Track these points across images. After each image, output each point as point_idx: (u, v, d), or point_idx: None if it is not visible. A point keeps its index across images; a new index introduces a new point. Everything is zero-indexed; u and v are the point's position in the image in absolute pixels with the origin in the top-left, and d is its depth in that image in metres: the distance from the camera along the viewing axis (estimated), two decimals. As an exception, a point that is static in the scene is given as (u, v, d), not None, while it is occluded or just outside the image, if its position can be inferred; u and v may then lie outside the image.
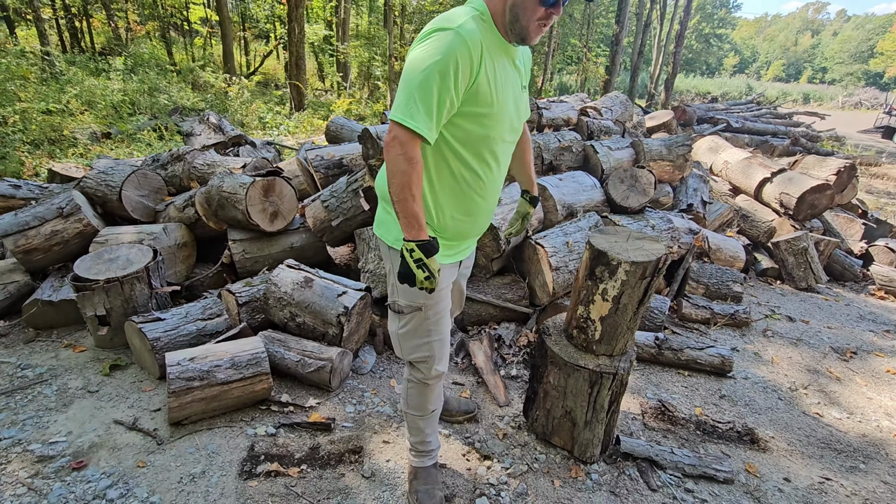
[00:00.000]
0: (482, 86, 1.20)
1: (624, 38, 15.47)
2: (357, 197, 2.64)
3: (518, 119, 1.38)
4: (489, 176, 1.36)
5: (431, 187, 1.34)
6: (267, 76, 16.60)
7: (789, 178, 4.38)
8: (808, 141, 12.17)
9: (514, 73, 1.32)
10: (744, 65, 68.32)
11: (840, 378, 2.70)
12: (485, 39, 1.18)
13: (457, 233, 1.42)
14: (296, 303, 2.30)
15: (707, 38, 47.09)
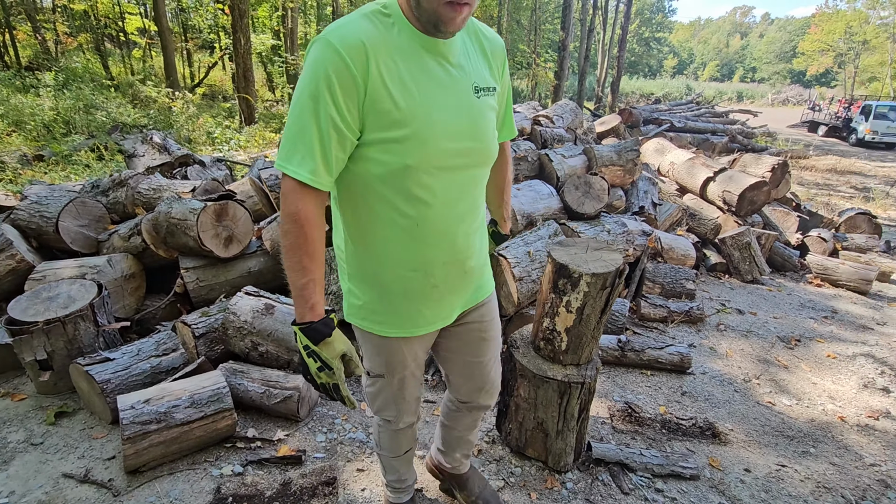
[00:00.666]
0: (380, 101, 0.91)
1: (570, 44, 15.98)
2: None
3: (474, 134, 1.03)
4: (429, 216, 1.02)
5: (358, 240, 1.07)
6: (213, 88, 16.06)
7: (730, 177, 4.64)
8: (744, 138, 12.96)
9: (451, 76, 0.99)
10: (682, 66, 72.09)
11: (787, 366, 2.88)
12: (381, 39, 0.91)
13: (410, 293, 1.09)
14: (257, 331, 2.22)
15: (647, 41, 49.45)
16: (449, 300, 1.16)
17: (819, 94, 37.28)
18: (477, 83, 1.04)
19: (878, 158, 14.21)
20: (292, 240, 0.95)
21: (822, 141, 18.08)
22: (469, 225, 1.11)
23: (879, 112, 17.18)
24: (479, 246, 1.18)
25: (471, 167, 1.06)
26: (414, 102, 0.93)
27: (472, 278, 1.19)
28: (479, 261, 1.20)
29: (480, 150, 1.06)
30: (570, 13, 14.81)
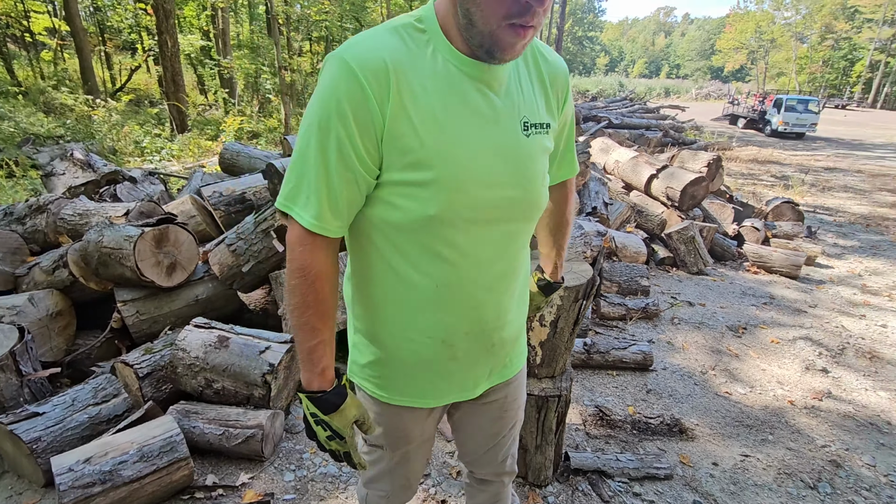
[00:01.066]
0: (402, 135, 0.74)
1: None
2: (269, 238, 2.42)
3: (517, 180, 0.83)
4: (454, 278, 0.84)
5: (366, 293, 0.90)
6: (138, 93, 14.97)
7: (671, 174, 4.86)
8: (676, 132, 13.73)
9: (495, 108, 0.80)
10: (613, 64, 75.57)
11: (738, 354, 3.04)
12: (410, 60, 0.75)
13: (423, 362, 0.91)
14: (211, 367, 2.04)
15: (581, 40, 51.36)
16: (472, 374, 0.96)
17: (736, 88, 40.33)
18: (527, 118, 0.84)
19: (791, 147, 15.49)
20: (300, 298, 0.80)
21: (742, 132, 19.48)
22: (504, 291, 0.91)
23: (789, 105, 18.75)
24: (515, 315, 0.97)
25: (511, 221, 0.85)
26: (443, 139, 0.75)
27: (503, 352, 0.98)
28: (512, 332, 0.97)
29: (525, 200, 0.85)
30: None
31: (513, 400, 1.09)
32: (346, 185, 0.76)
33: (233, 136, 8.96)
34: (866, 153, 14.34)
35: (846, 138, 18.68)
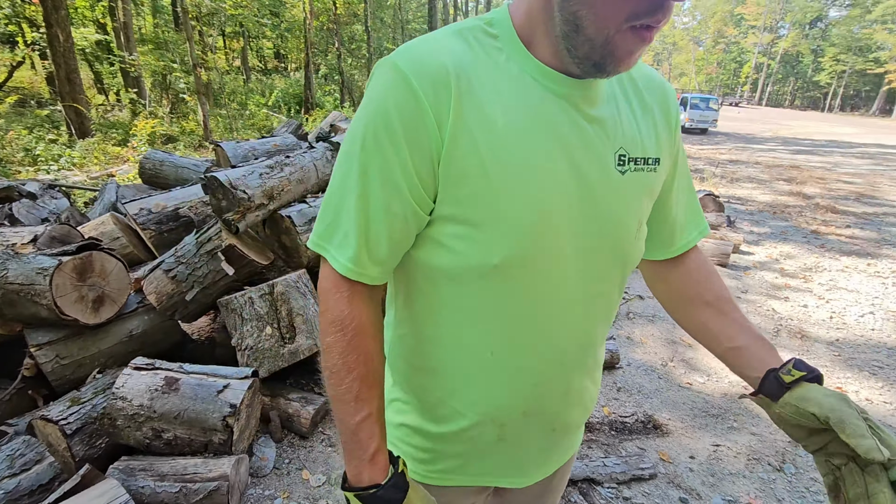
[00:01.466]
0: (464, 159, 0.58)
1: (438, 43, 16.30)
2: (216, 261, 2.16)
3: (603, 228, 0.65)
4: (514, 345, 0.67)
5: (408, 345, 0.74)
6: (24, 92, 13.20)
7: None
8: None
9: (584, 135, 0.62)
10: (533, 63, 78.58)
11: (691, 344, 3.19)
12: (478, 67, 0.59)
13: (464, 438, 0.73)
14: (160, 415, 1.77)
15: (502, 40, 52.83)
16: (521, 460, 0.77)
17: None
18: (625, 150, 0.65)
19: (698, 143, 16.89)
20: (338, 359, 0.63)
21: (655, 129, 20.97)
22: (577, 366, 0.72)
23: (693, 103, 20.46)
24: (589, 394, 0.79)
25: (591, 278, 0.67)
26: (512, 168, 0.59)
27: (566, 439, 0.80)
28: (580, 415, 0.79)
29: (610, 254, 0.67)
30: (435, 12, 15.06)
31: (560, 479, 0.91)
32: (391, 221, 0.61)
33: (145, 142, 8.13)
34: (760, 146, 15.99)
35: (742, 133, 20.76)
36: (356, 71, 22.60)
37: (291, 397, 2.21)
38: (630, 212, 0.67)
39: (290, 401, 2.19)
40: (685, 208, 0.79)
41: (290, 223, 2.33)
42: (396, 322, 0.76)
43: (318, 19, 19.25)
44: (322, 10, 18.98)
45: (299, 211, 2.38)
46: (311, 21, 16.43)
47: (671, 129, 0.72)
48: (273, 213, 2.37)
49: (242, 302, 2.16)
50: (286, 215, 2.33)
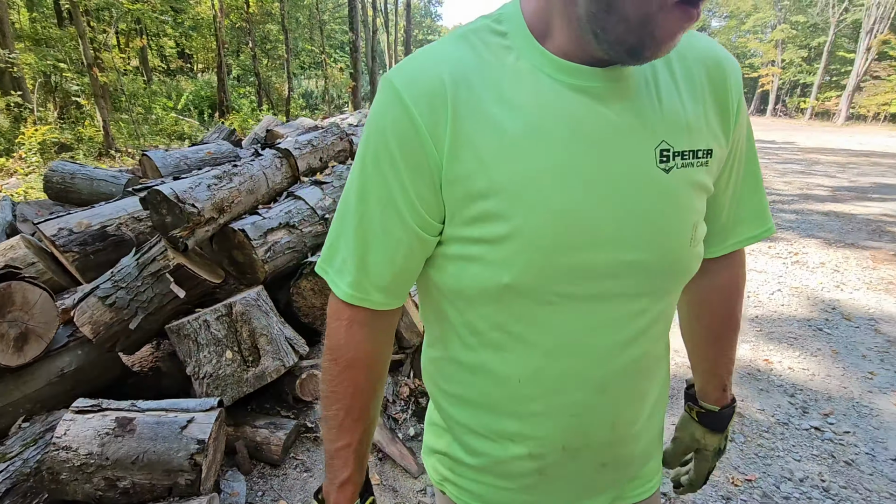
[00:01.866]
0: (468, 176, 0.53)
1: (361, 45, 16.04)
2: (163, 282, 1.95)
3: (646, 238, 0.56)
4: (544, 373, 0.60)
5: (438, 367, 0.70)
6: None
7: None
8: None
9: (612, 128, 0.54)
10: (453, 66, 79.89)
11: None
12: (481, 72, 0.54)
13: (498, 469, 0.67)
14: (113, 462, 1.56)
15: (421, 43, 53.10)
16: (554, 497, 0.69)
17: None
18: (668, 143, 0.56)
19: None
20: (329, 386, 0.64)
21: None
22: (626, 393, 0.64)
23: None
24: (644, 425, 0.68)
25: (636, 295, 0.58)
26: (524, 176, 0.52)
27: (622, 474, 0.70)
28: (639, 447, 0.69)
29: (658, 266, 0.57)
30: (356, 13, 14.80)
31: None
32: (391, 245, 0.58)
33: (36, 151, 7.18)
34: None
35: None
36: (272, 72, 21.63)
37: (258, 424, 2.05)
38: (681, 215, 0.57)
39: (256, 428, 2.03)
40: (740, 204, 0.68)
41: (244, 237, 2.17)
42: (428, 344, 0.73)
43: (229, 17, 18.17)
44: (233, 8, 17.95)
45: (253, 223, 2.22)
46: (222, 19, 15.46)
47: (729, 113, 0.61)
48: (223, 228, 2.19)
49: (196, 326, 1.97)
50: (239, 228, 2.17)
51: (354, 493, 0.67)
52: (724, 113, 0.60)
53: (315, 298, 2.35)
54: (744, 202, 0.68)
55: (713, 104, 0.59)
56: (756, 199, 0.68)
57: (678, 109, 0.57)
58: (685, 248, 0.59)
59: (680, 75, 0.58)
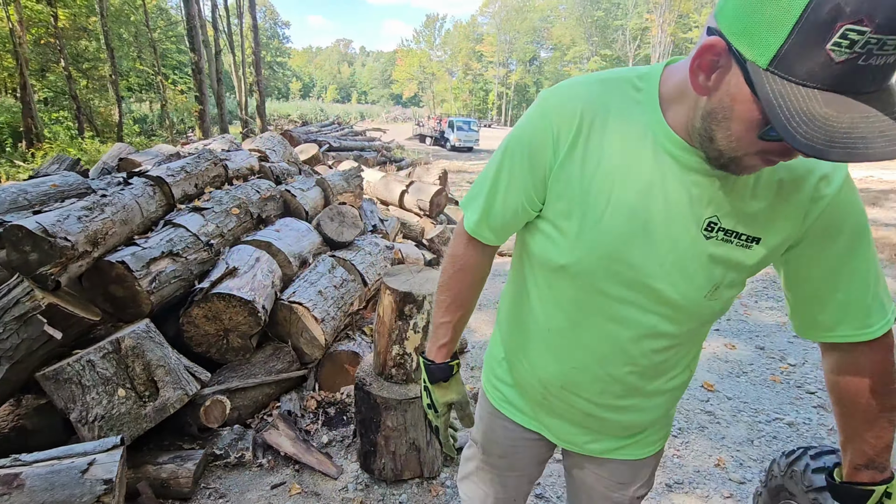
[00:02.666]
0: (568, 181, 0.74)
1: (205, 66, 14.97)
2: (32, 326, 1.78)
3: (671, 276, 0.73)
4: (566, 332, 0.84)
5: (506, 302, 1.00)
6: None
7: (418, 188, 5.66)
8: (387, 151, 15.51)
9: (681, 195, 0.70)
10: (307, 89, 78.10)
11: (512, 321, 3.90)
12: (609, 114, 0.72)
13: (523, 383, 0.95)
14: (0, 525, 1.41)
15: (271, 65, 51.06)
16: (561, 424, 0.95)
17: (414, 113, 47.99)
18: (718, 218, 0.70)
19: (466, 158, 19.60)
20: (445, 278, 0.96)
21: (431, 149, 23.43)
22: (623, 376, 0.83)
23: (458, 126, 23.62)
24: (629, 405, 0.86)
25: (649, 312, 0.76)
26: (593, 202, 0.73)
27: (602, 428, 0.91)
28: (619, 417, 0.88)
29: (672, 299, 0.74)
30: (197, 33, 13.84)
31: (618, 484, 0.98)
32: (507, 205, 0.84)
33: None
34: (514, 159, 19.41)
35: (498, 149, 24.77)
36: (94, 95, 18.94)
37: (161, 460, 1.96)
38: (706, 273, 0.72)
39: (160, 465, 1.94)
40: (852, 301, 0.73)
41: (125, 269, 2.07)
42: (508, 279, 1.01)
43: (31, 32, 15.56)
44: (35, 22, 15.43)
45: (133, 254, 2.12)
46: (23, 34, 13.17)
47: (800, 217, 0.70)
48: (97, 262, 2.06)
49: (79, 368, 1.83)
50: (117, 261, 2.06)
51: (447, 354, 1.00)
52: (794, 216, 0.70)
53: (209, 325, 2.31)
54: (857, 300, 0.73)
55: (785, 209, 0.70)
56: (863, 301, 0.73)
57: (744, 199, 0.69)
58: (700, 298, 0.74)
59: (766, 178, 0.69)
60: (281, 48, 56.62)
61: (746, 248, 0.71)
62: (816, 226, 0.71)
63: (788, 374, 3.11)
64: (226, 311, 2.30)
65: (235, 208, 2.78)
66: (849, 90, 0.49)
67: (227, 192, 2.86)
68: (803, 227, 0.71)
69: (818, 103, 0.50)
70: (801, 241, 0.73)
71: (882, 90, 0.50)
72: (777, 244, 0.72)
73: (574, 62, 49.06)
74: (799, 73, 0.50)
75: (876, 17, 0.44)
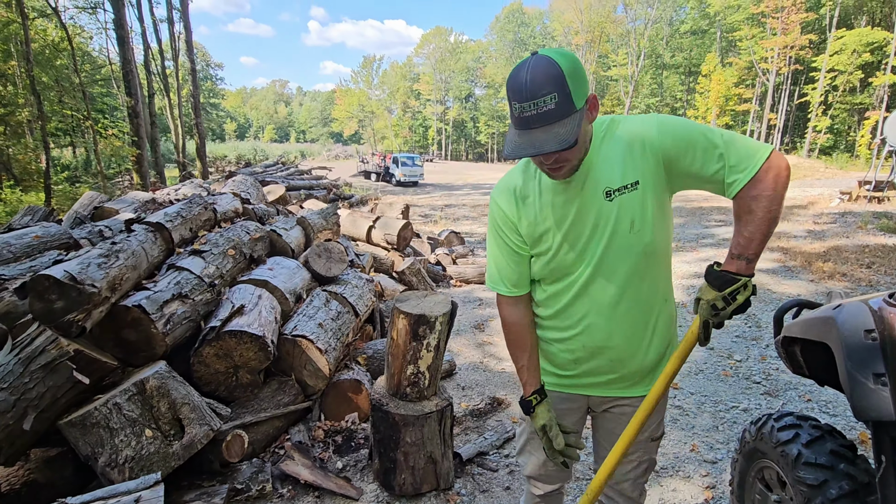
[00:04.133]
0: (533, 227, 1.23)
1: (141, 110, 14.54)
2: (59, 374, 1.81)
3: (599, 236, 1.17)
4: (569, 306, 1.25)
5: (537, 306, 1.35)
6: None
7: (385, 223, 5.87)
8: (336, 189, 15.59)
9: (584, 192, 1.16)
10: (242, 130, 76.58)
11: (491, 342, 4.14)
12: (526, 183, 1.23)
13: (550, 355, 1.34)
14: (57, 568, 1.43)
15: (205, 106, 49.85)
16: (587, 378, 1.32)
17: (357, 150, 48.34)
18: (609, 187, 1.14)
19: (413, 193, 20.01)
20: (505, 335, 1.37)
21: (377, 185, 23.70)
22: (623, 320, 1.22)
23: (402, 161, 24.12)
24: (644, 343, 1.26)
25: (606, 263, 1.18)
26: (545, 231, 1.23)
27: (626, 370, 1.28)
28: (641, 358, 1.26)
29: (610, 247, 1.16)
30: (134, 76, 13.52)
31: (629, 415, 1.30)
32: (507, 262, 1.30)
33: None
34: (459, 192, 20.10)
35: (443, 182, 25.48)
36: (12, 142, 17.73)
37: (188, 499, 1.99)
38: (620, 219, 1.15)
39: (188, 503, 1.97)
40: (716, 168, 1.09)
41: (141, 312, 2.12)
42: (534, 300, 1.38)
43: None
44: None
45: (147, 297, 2.18)
46: (-65, 80, 12.23)
47: (642, 154, 1.13)
48: (113, 307, 2.11)
49: (106, 412, 1.86)
50: (134, 304, 2.11)
51: (530, 391, 1.32)
52: (637, 156, 1.14)
53: (219, 363, 2.38)
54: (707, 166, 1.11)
55: (632, 156, 1.15)
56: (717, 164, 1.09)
57: (611, 170, 1.15)
58: (626, 234, 1.16)
59: (616, 153, 1.16)
60: (214, 89, 55.53)
61: (636, 191, 1.14)
62: (664, 143, 1.12)
63: (736, 368, 3.56)
64: (237, 348, 2.38)
65: (231, 249, 2.87)
66: (520, 127, 1.06)
67: (221, 235, 2.95)
68: (655, 153, 1.13)
69: (514, 134, 1.08)
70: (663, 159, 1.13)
71: (532, 128, 1.04)
72: (651, 169, 1.14)
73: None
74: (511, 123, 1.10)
75: (511, 97, 1.04)
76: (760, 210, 1.06)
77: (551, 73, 0.99)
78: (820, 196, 12.67)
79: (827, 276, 5.68)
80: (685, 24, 37.68)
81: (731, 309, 1.09)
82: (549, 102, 1.00)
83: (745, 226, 1.09)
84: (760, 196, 1.06)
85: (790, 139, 33.20)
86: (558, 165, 1.10)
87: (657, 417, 1.33)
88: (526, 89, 1.00)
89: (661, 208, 1.16)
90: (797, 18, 27.51)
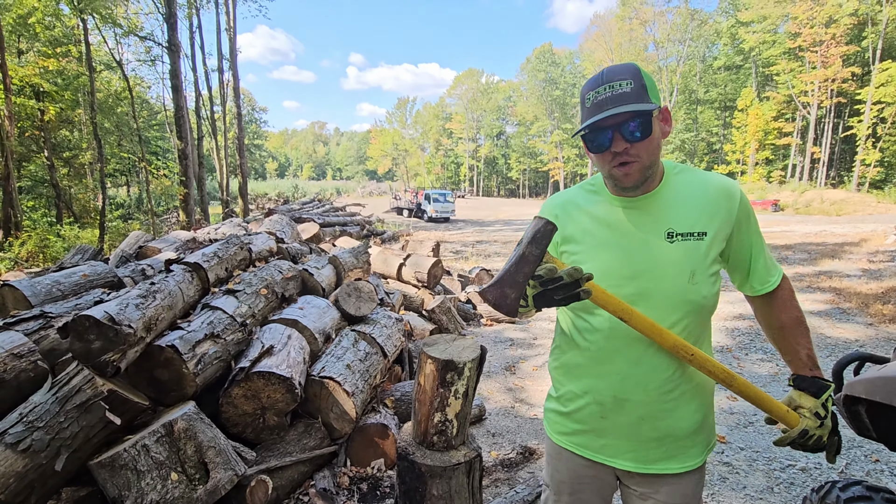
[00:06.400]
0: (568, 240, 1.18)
1: (191, 152, 15.48)
2: (92, 413, 1.84)
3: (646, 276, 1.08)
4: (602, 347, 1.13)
5: (556, 345, 1.32)
6: None
7: (416, 261, 5.89)
8: (369, 225, 15.92)
9: (637, 222, 1.10)
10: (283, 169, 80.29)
11: (522, 386, 4.00)
12: (574, 202, 1.21)
13: (578, 412, 1.19)
14: None
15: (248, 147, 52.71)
16: (618, 444, 1.14)
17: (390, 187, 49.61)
18: (673, 228, 1.08)
19: (445, 229, 20.16)
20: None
21: (410, 221, 24.07)
22: (654, 368, 1.09)
23: (434, 198, 24.52)
24: (673, 398, 1.11)
25: (650, 308, 1.06)
26: (590, 246, 1.15)
27: (652, 433, 1.12)
28: (668, 417, 1.11)
29: (656, 292, 1.07)
30: (185, 122, 14.47)
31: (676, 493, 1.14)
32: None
33: None
34: (490, 227, 20.14)
35: (474, 218, 25.66)
36: (73, 182, 19.15)
37: (209, 548, 1.94)
38: (675, 265, 1.07)
39: (209, 552, 1.92)
40: (743, 267, 1.16)
41: (174, 352, 2.16)
42: (554, 341, 1.35)
43: (18, 125, 15.93)
44: (23, 117, 15.87)
45: (180, 337, 2.22)
46: (12, 128, 13.47)
47: (725, 209, 1.09)
48: (147, 346, 2.15)
49: (134, 453, 1.87)
50: (167, 344, 2.15)
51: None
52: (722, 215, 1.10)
53: (247, 405, 2.37)
54: (753, 262, 1.15)
55: (714, 210, 1.10)
56: (757, 264, 1.16)
57: (685, 210, 1.10)
58: (684, 285, 1.08)
59: (698, 195, 1.11)
60: (259, 131, 58.74)
61: (700, 240, 1.08)
62: (739, 216, 1.10)
63: (790, 421, 3.28)
64: (264, 390, 2.37)
65: (264, 289, 2.92)
66: (593, 112, 1.03)
67: (255, 274, 3.01)
68: (733, 220, 1.10)
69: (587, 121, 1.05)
70: (733, 229, 1.11)
71: (605, 109, 1.01)
72: (723, 234, 1.10)
73: (539, 135, 52.53)
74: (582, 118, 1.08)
75: (585, 92, 1.06)
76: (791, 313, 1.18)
77: (628, 67, 1.03)
78: (873, 233, 11.97)
79: (888, 319, 5.27)
80: (718, 60, 37.56)
81: (829, 422, 1.11)
82: (624, 86, 1.00)
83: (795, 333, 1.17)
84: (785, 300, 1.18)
85: (836, 173, 31.90)
86: (629, 160, 1.04)
87: (695, 494, 1.17)
88: (602, 77, 1.03)
89: (718, 271, 1.13)
90: (838, 52, 26.98)
